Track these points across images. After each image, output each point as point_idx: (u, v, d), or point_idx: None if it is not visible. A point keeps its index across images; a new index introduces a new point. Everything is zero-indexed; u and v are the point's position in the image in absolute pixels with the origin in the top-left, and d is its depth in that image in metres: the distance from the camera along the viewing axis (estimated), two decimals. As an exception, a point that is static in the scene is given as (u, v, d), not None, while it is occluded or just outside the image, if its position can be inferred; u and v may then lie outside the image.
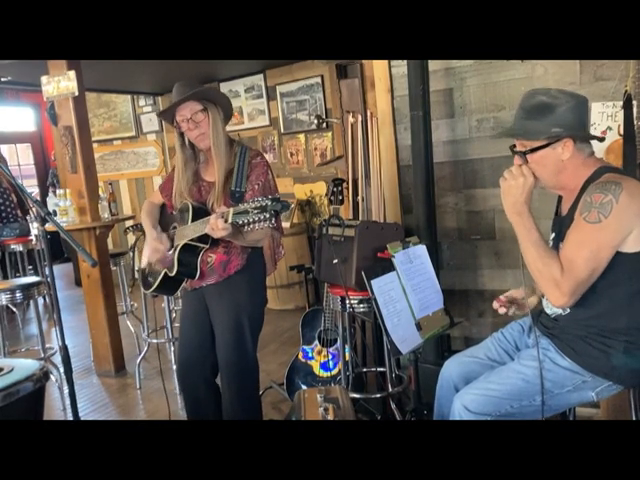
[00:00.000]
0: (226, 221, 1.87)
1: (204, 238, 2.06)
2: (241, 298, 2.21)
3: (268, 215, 1.75)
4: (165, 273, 2.19)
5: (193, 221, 2.09)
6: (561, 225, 1.69)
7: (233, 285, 2.20)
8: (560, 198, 1.81)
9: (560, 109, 1.59)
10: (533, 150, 1.62)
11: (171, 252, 2.19)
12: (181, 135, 2.19)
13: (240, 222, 1.80)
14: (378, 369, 2.89)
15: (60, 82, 3.62)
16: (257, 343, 2.32)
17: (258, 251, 2.26)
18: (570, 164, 1.62)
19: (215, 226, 1.90)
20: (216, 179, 2.13)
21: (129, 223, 4.45)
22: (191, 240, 2.09)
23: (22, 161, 8.53)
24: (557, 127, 1.58)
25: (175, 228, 2.23)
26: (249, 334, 2.24)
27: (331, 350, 2.98)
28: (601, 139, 1.72)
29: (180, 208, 2.21)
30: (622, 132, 2.30)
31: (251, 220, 1.77)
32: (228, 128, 2.29)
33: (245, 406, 2.29)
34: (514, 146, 1.70)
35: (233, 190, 2.08)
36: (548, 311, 1.76)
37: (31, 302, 4.04)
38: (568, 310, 1.67)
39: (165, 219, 2.36)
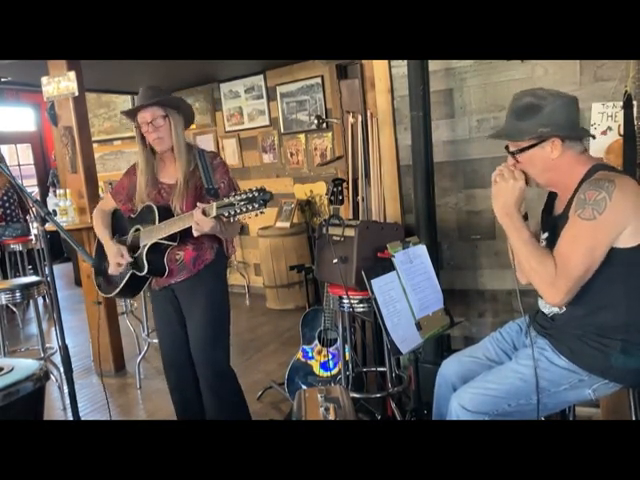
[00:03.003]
0: (208, 215, 1.98)
1: (173, 236, 2.17)
2: (211, 292, 2.29)
3: (257, 205, 1.88)
4: (132, 273, 2.25)
5: (161, 221, 2.17)
6: (556, 224, 1.69)
7: (203, 279, 2.27)
8: (550, 197, 1.82)
9: (547, 109, 1.61)
10: (522, 150, 1.65)
11: (138, 253, 2.24)
12: (142, 136, 2.25)
13: (227, 214, 1.93)
14: (378, 369, 2.90)
15: (60, 82, 3.62)
16: (229, 337, 2.38)
17: (221, 247, 2.33)
18: (562, 162, 1.63)
19: (200, 221, 2.00)
20: (178, 180, 2.21)
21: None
22: (161, 238, 2.16)
23: (22, 161, 8.53)
24: (544, 127, 1.60)
25: (138, 230, 2.28)
26: (221, 328, 2.32)
27: (331, 350, 2.98)
28: (592, 136, 1.74)
29: (142, 210, 2.27)
30: (622, 132, 2.30)
31: (238, 211, 1.91)
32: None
33: (226, 400, 2.35)
34: (509, 146, 1.72)
35: (208, 188, 2.17)
36: (545, 310, 1.77)
37: (31, 302, 4.05)
38: (564, 308, 1.67)
39: (121, 223, 2.41)
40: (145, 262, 2.19)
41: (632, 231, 1.52)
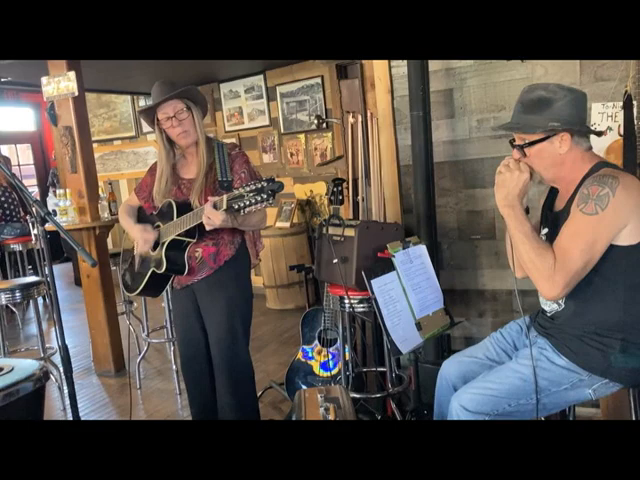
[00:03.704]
0: (219, 208, 1.92)
1: (192, 232, 2.11)
2: (231, 292, 2.24)
3: (265, 196, 1.81)
4: (152, 271, 2.21)
5: (179, 217, 2.13)
6: (557, 219, 1.69)
7: (223, 279, 2.22)
8: (551, 193, 1.82)
9: (558, 103, 1.60)
10: (531, 143, 1.64)
11: (157, 250, 2.20)
12: (160, 133, 2.22)
13: (236, 206, 1.86)
14: (378, 369, 2.90)
15: (60, 82, 3.62)
16: (249, 338, 2.34)
17: (244, 243, 2.30)
18: (568, 158, 1.63)
19: (211, 214, 1.94)
20: (197, 175, 2.18)
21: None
22: (179, 235, 2.12)
23: (22, 161, 8.54)
24: (554, 121, 1.60)
25: (158, 227, 2.25)
26: (241, 329, 2.27)
27: (331, 350, 2.98)
28: (599, 134, 1.74)
29: (162, 207, 2.23)
30: (622, 132, 2.31)
31: (247, 203, 1.83)
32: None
33: (241, 403, 2.31)
34: (514, 140, 1.71)
35: (221, 180, 2.14)
36: (546, 308, 1.77)
37: (31, 302, 4.05)
38: (563, 305, 1.68)
39: (145, 220, 2.38)
40: (164, 259, 2.13)
41: (633, 229, 1.53)
